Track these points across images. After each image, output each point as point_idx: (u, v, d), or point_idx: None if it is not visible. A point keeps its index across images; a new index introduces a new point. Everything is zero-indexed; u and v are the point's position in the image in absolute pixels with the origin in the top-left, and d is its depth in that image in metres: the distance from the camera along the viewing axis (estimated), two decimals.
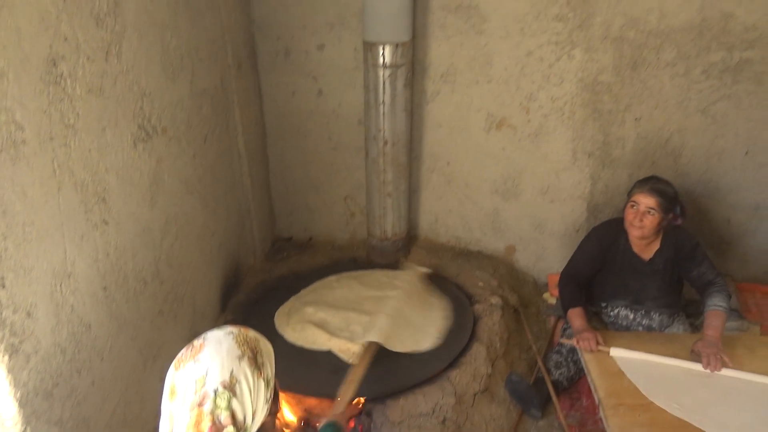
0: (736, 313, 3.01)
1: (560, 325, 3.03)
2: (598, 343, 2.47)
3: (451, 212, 3.48)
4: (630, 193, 2.60)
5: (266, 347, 1.25)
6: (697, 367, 2.39)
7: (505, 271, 3.41)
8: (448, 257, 3.42)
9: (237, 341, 1.19)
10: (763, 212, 3.16)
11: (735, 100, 2.92)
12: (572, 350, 2.67)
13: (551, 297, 3.35)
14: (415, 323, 2.73)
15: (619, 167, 3.17)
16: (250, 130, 3.15)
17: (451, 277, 3.22)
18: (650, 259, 2.67)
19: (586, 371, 2.51)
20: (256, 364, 1.18)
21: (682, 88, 2.94)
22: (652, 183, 2.55)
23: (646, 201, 2.52)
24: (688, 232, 2.67)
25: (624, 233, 2.67)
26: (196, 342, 1.19)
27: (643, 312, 2.75)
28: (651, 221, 2.53)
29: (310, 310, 2.80)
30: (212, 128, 2.70)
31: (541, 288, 3.47)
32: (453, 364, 2.55)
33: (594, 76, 2.98)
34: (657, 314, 2.75)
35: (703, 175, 3.12)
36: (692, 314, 2.86)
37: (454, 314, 2.86)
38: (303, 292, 3.05)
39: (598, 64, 2.95)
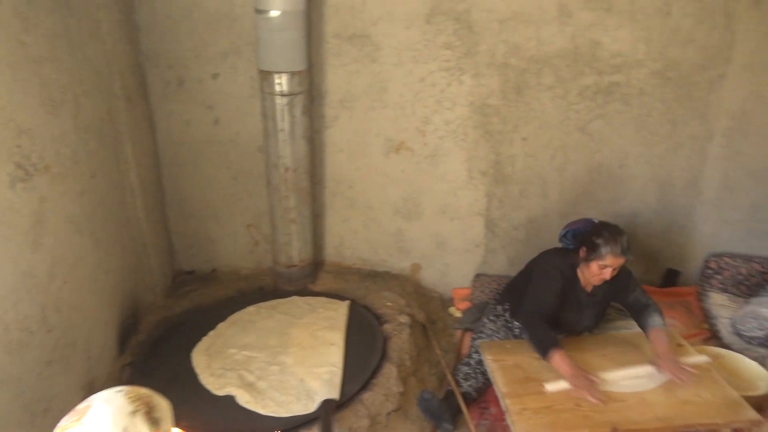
0: (621, 312, 3.26)
1: (467, 337, 3.14)
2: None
3: (356, 235, 3.52)
4: (596, 251, 2.54)
5: (162, 402, 1.20)
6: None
7: (411, 289, 3.49)
8: (356, 280, 3.45)
9: (129, 397, 1.13)
10: (639, 219, 3.47)
11: (608, 119, 3.21)
12: (480, 362, 2.77)
13: (457, 311, 3.46)
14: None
15: (511, 184, 3.36)
16: (143, 163, 3.03)
17: (359, 299, 3.25)
18: (592, 292, 2.75)
19: (492, 380, 2.62)
20: (152, 419, 1.13)
21: (562, 109, 3.18)
22: (622, 244, 2.52)
23: (617, 262, 2.54)
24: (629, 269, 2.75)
25: (575, 268, 2.71)
26: (81, 406, 1.11)
27: (563, 336, 2.86)
28: (614, 273, 2.60)
29: (232, 351, 2.72)
30: (101, 163, 2.58)
31: (446, 303, 3.58)
32: (365, 386, 2.57)
33: (483, 99, 3.16)
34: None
35: (586, 188, 3.38)
36: None
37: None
38: (221, 326, 2.94)
39: (486, 89, 3.14)
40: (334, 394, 2.46)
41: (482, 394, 2.79)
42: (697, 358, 2.65)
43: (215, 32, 3.03)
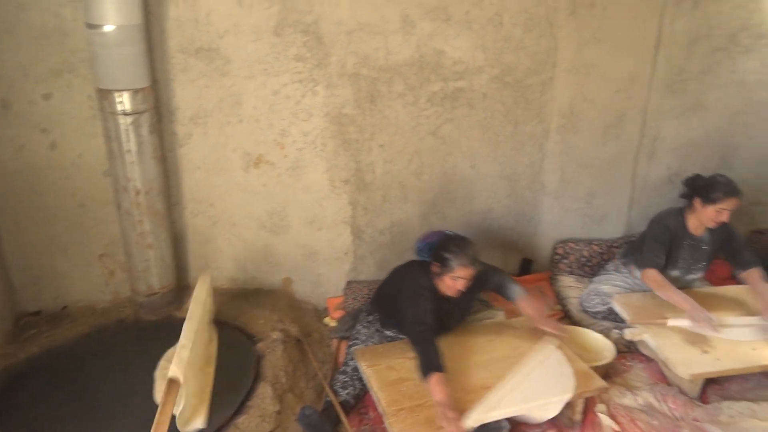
0: (485, 303, 3.47)
1: (344, 346, 3.16)
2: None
3: (222, 254, 3.41)
4: (447, 265, 2.66)
5: None
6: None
7: (284, 303, 3.44)
8: (226, 301, 3.33)
9: None
10: (493, 214, 3.71)
11: (456, 123, 3.40)
12: (356, 369, 2.80)
13: (332, 320, 3.47)
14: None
15: (373, 190, 3.44)
16: None
17: (230, 320, 3.14)
18: (454, 298, 2.82)
19: (368, 385, 2.66)
20: None
21: (414, 115, 3.32)
22: (469, 255, 2.65)
23: (468, 273, 2.67)
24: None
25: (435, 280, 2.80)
26: None
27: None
28: (468, 284, 2.72)
29: None
30: None
31: (321, 313, 3.57)
32: (239, 409, 2.49)
33: (338, 109, 3.21)
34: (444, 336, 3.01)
35: (443, 189, 3.56)
36: None
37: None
38: None
39: (340, 99, 3.19)
40: (201, 423, 2.35)
41: (360, 400, 2.82)
42: (550, 344, 2.84)
43: (44, 49, 2.79)
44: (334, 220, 3.45)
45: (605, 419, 2.68)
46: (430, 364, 2.46)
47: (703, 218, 3.13)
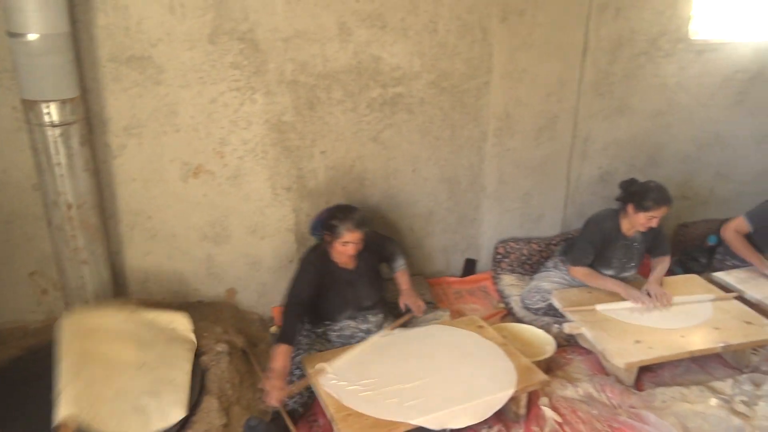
0: (431, 304, 3.52)
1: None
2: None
3: (162, 267, 3.32)
4: (334, 232, 2.83)
5: None
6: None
7: (229, 314, 3.39)
8: None
9: None
10: (435, 217, 3.77)
11: (396, 128, 3.44)
12: (302, 377, 2.78)
13: (278, 329, 3.44)
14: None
15: (316, 197, 3.44)
16: None
17: None
18: (356, 268, 2.97)
19: (316, 393, 2.65)
20: None
21: (354, 122, 3.34)
22: (354, 219, 2.82)
23: (354, 236, 2.80)
24: (373, 231, 3.07)
25: (329, 255, 2.94)
26: None
27: (362, 317, 3.03)
28: (358, 248, 2.86)
29: None
30: None
31: (268, 323, 3.54)
32: (184, 425, 2.43)
33: (278, 117, 3.19)
34: (373, 316, 3.06)
35: (386, 193, 3.59)
36: (396, 313, 3.27)
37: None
38: None
39: (280, 106, 3.17)
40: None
41: (309, 408, 2.81)
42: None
43: None
44: (278, 228, 3.42)
45: (548, 411, 2.77)
46: (283, 335, 2.72)
47: (635, 223, 3.31)
